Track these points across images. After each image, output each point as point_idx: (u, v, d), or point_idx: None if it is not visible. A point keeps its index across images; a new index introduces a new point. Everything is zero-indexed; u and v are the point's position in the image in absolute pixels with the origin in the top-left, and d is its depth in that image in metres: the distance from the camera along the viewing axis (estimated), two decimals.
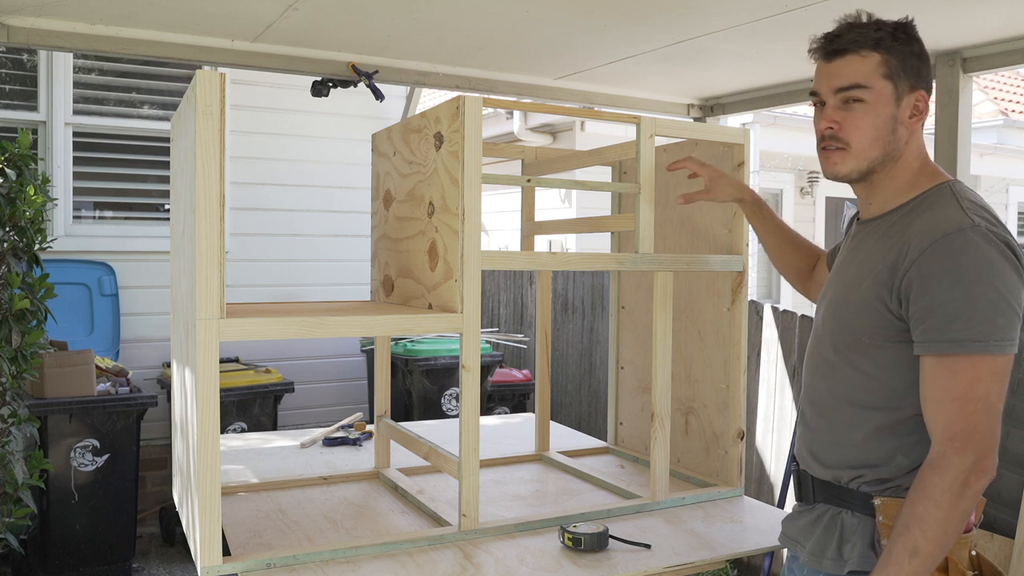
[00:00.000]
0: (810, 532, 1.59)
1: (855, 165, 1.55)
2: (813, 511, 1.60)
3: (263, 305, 2.29)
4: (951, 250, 1.40)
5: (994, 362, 1.39)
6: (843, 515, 1.54)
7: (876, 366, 1.51)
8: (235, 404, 4.39)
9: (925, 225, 1.45)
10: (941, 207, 1.47)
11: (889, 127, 1.52)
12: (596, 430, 5.01)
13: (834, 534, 1.54)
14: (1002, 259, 1.40)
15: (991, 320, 1.38)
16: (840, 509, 1.55)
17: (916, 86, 1.53)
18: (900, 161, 1.55)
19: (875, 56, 1.51)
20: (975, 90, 9.16)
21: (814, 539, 1.57)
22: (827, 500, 1.57)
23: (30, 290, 3.24)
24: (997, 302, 1.38)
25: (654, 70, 3.13)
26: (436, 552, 1.87)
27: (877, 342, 1.50)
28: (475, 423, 1.92)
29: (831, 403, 1.59)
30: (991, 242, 1.41)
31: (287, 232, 5.19)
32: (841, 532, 1.53)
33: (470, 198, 1.88)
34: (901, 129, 1.53)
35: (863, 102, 1.52)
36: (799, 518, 1.64)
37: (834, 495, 1.56)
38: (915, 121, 1.54)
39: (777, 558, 3.80)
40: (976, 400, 1.38)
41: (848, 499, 1.53)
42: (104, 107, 4.82)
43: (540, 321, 2.75)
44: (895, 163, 1.55)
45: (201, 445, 1.66)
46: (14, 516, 3.18)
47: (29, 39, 2.60)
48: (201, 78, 1.62)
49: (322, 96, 3.15)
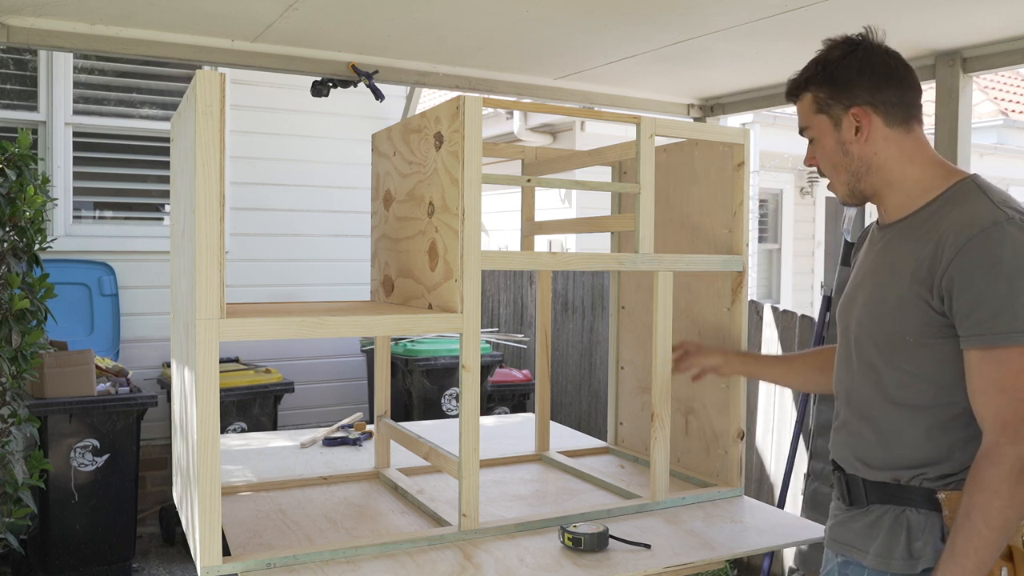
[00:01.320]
0: (871, 534, 1.56)
1: (842, 191, 1.66)
2: (869, 513, 1.58)
3: (263, 305, 2.29)
4: (990, 244, 1.42)
5: None
6: (907, 513, 1.52)
7: (922, 365, 1.51)
8: (235, 404, 4.39)
9: (957, 221, 1.47)
10: (971, 203, 1.49)
11: (839, 152, 1.62)
12: (596, 430, 5.01)
13: (900, 533, 1.52)
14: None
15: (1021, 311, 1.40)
16: (903, 508, 1.53)
17: (850, 104, 1.59)
18: (887, 170, 1.59)
19: (807, 96, 1.65)
20: (975, 90, 9.16)
21: (879, 541, 1.55)
22: (884, 500, 1.56)
23: (30, 290, 3.24)
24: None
25: (654, 70, 3.13)
26: (436, 552, 1.87)
27: (922, 340, 1.50)
28: (475, 423, 1.92)
29: (878, 406, 1.58)
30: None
31: (287, 232, 5.19)
32: (908, 531, 1.51)
33: (470, 198, 1.88)
34: (853, 148, 1.60)
35: (814, 140, 1.66)
36: (851, 522, 1.61)
37: (893, 495, 1.55)
38: (862, 135, 1.59)
39: (777, 558, 3.80)
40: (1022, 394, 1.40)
41: (910, 497, 1.53)
42: (104, 107, 4.82)
43: (540, 321, 2.75)
44: (880, 172, 1.60)
45: (201, 445, 1.66)
46: (14, 516, 3.18)
47: (29, 39, 2.60)
48: (201, 78, 1.62)
49: (322, 96, 3.15)
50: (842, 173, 1.63)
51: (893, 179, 1.59)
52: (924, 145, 1.61)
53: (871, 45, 1.60)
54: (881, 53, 1.60)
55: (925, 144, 1.61)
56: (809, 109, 1.64)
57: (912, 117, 1.60)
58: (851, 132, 1.59)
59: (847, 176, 1.63)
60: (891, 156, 1.59)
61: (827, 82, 1.61)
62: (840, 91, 1.59)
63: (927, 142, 1.62)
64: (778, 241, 9.63)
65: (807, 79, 1.64)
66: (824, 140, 1.64)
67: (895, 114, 1.58)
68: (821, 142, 1.64)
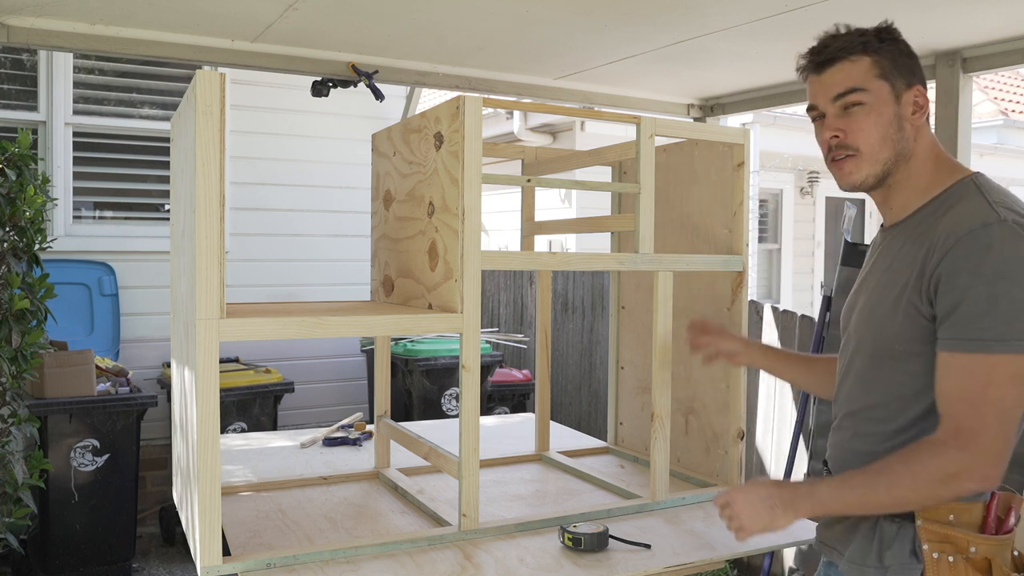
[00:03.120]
0: (848, 539, 1.55)
1: (869, 170, 1.53)
2: (849, 517, 1.56)
3: (263, 305, 2.29)
4: (976, 246, 1.37)
5: (1015, 363, 1.36)
6: (882, 522, 1.49)
7: (911, 374, 1.47)
8: (235, 404, 4.39)
9: (951, 222, 1.42)
10: (967, 203, 1.44)
11: (895, 125, 1.51)
12: (596, 430, 5.01)
13: (873, 541, 1.50)
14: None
15: (1015, 319, 1.35)
16: (879, 516, 1.50)
17: (912, 82, 1.53)
18: (913, 160, 1.54)
19: (865, 59, 1.52)
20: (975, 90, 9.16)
21: (852, 546, 1.53)
22: None
23: (30, 290, 3.24)
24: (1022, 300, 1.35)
25: (654, 70, 3.13)
26: (436, 552, 1.87)
27: (913, 348, 1.46)
28: (475, 423, 1.92)
29: (863, 412, 1.56)
30: (1019, 237, 1.37)
31: (287, 232, 5.19)
32: (881, 539, 1.49)
33: (470, 198, 1.88)
34: (907, 126, 1.52)
35: (863, 105, 1.51)
36: (835, 524, 1.60)
37: None
38: (918, 116, 1.53)
39: (777, 558, 3.80)
40: (988, 403, 1.36)
41: None
42: (104, 107, 4.82)
43: (540, 321, 2.75)
44: (907, 163, 1.53)
45: (201, 445, 1.66)
46: (14, 516, 3.18)
47: (29, 39, 2.60)
48: (201, 78, 1.62)
49: (322, 96, 3.15)
50: (887, 149, 1.52)
51: (913, 171, 1.54)
52: (936, 141, 1.58)
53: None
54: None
55: (936, 140, 1.59)
56: (868, 72, 1.51)
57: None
58: (909, 109, 1.52)
59: (890, 154, 1.52)
60: (925, 145, 1.55)
61: (891, 53, 1.52)
62: (905, 67, 1.52)
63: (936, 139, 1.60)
64: (778, 241, 9.63)
65: (866, 43, 1.52)
66: (881, 108, 1.51)
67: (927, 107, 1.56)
68: (877, 109, 1.51)
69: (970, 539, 1.42)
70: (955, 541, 1.42)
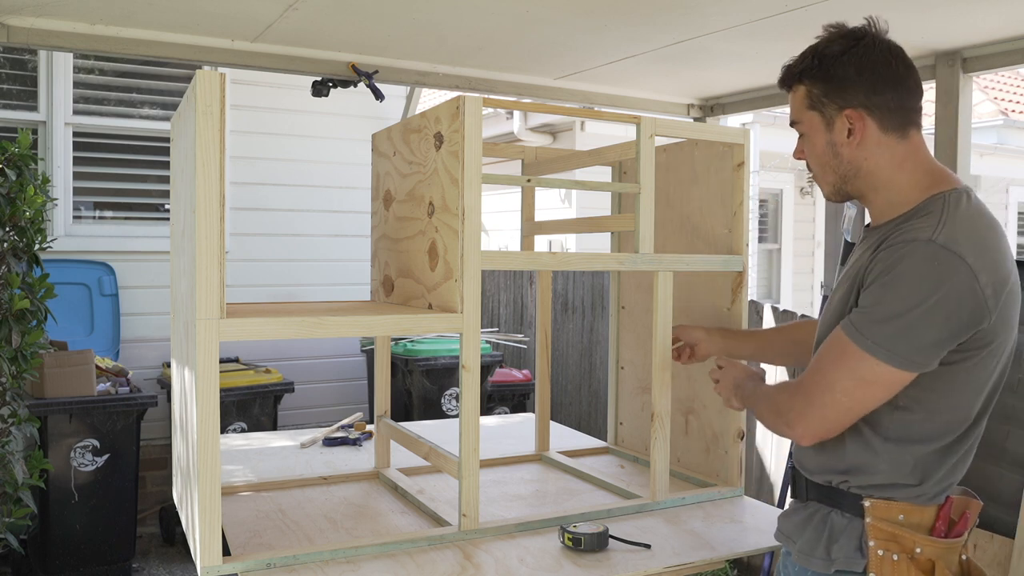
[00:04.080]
0: (801, 530, 1.59)
1: (828, 191, 1.62)
2: (806, 509, 1.61)
3: (263, 305, 2.29)
4: (896, 255, 1.40)
5: (861, 362, 1.42)
6: (833, 514, 1.54)
7: None
8: (235, 404, 4.39)
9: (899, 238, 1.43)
10: (923, 219, 1.43)
11: (829, 152, 1.56)
12: (596, 430, 5.01)
13: (823, 533, 1.54)
14: (940, 277, 1.36)
15: (879, 325, 1.40)
16: (831, 508, 1.55)
17: (845, 105, 1.51)
18: (874, 176, 1.53)
19: (801, 89, 1.58)
20: (975, 90, 9.16)
21: (804, 537, 1.57)
22: (819, 499, 1.58)
23: (30, 290, 3.24)
24: (900, 314, 1.38)
25: (654, 70, 3.13)
26: (436, 552, 1.87)
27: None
28: (475, 423, 1.92)
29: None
30: (931, 258, 1.37)
31: (287, 232, 5.19)
32: (830, 532, 1.53)
33: (470, 198, 1.88)
34: (843, 151, 1.54)
35: (805, 135, 1.60)
36: (793, 515, 1.64)
37: (825, 495, 1.57)
38: (854, 139, 1.52)
39: (777, 558, 3.80)
40: (826, 378, 1.47)
41: (838, 499, 1.54)
42: (104, 107, 4.82)
43: (540, 321, 2.75)
44: (866, 178, 1.54)
45: (201, 445, 1.66)
46: (14, 516, 3.18)
47: (29, 39, 2.60)
48: (201, 78, 1.62)
49: (322, 96, 3.15)
50: (829, 173, 1.58)
51: (879, 185, 1.54)
52: (917, 151, 1.53)
53: (874, 41, 1.52)
54: (883, 51, 1.51)
55: (918, 149, 1.53)
56: (802, 103, 1.57)
57: (909, 122, 1.53)
58: (843, 134, 1.52)
59: (834, 177, 1.58)
60: (881, 163, 1.52)
61: (823, 78, 1.53)
62: (835, 90, 1.52)
63: (922, 147, 1.54)
64: (778, 241, 9.63)
65: (802, 71, 1.56)
66: (814, 138, 1.57)
67: (891, 119, 1.51)
68: (811, 139, 1.58)
69: (916, 540, 1.45)
70: (901, 540, 1.46)
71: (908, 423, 1.47)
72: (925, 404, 1.46)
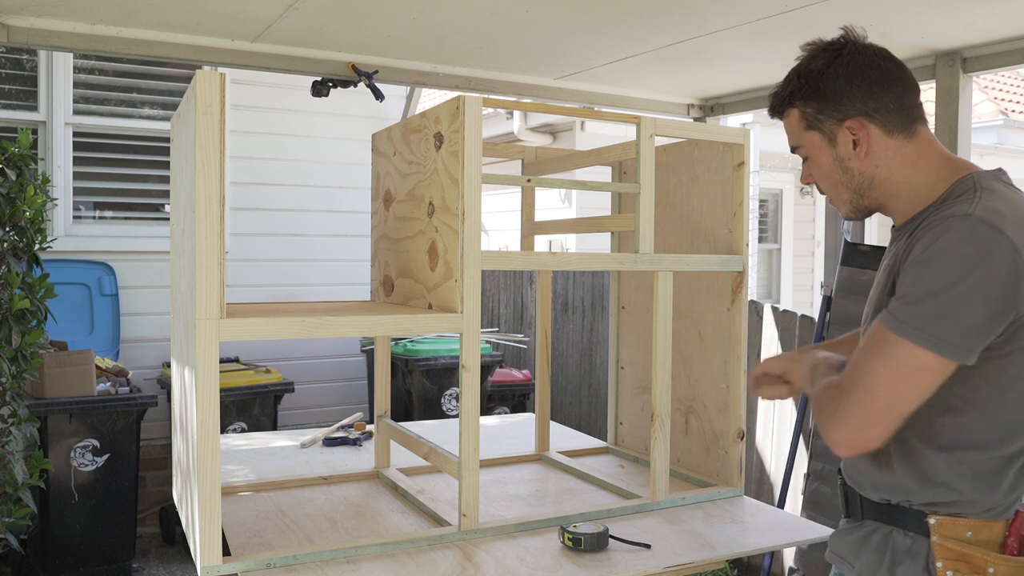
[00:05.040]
0: (860, 550, 1.50)
1: (846, 209, 1.56)
2: (862, 528, 1.51)
3: (263, 305, 2.29)
4: (933, 234, 1.33)
5: (903, 350, 1.32)
6: (895, 534, 1.45)
7: None
8: (235, 404, 4.39)
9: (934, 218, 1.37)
10: (957, 201, 1.37)
11: (838, 169, 1.51)
12: (596, 430, 5.01)
13: (885, 555, 1.45)
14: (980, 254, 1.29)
15: (919, 304, 1.31)
16: (891, 528, 1.46)
17: (844, 117, 1.47)
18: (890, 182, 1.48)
19: (794, 112, 1.53)
20: (975, 90, 9.16)
21: (863, 559, 1.48)
22: (877, 518, 1.49)
23: (30, 290, 3.24)
24: (938, 292, 1.30)
25: (654, 70, 3.13)
26: (436, 552, 1.87)
27: None
28: (475, 423, 1.92)
29: None
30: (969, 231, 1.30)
31: (287, 232, 5.19)
32: (893, 553, 1.44)
33: (470, 198, 1.88)
34: (853, 163, 1.48)
35: (808, 158, 1.55)
36: (848, 535, 1.55)
37: (884, 513, 1.48)
38: (861, 150, 1.47)
39: (777, 558, 3.80)
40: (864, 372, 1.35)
41: (900, 518, 1.45)
42: (104, 107, 4.82)
43: (540, 321, 2.75)
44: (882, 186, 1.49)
45: (201, 445, 1.66)
46: (14, 516, 3.18)
47: (29, 39, 2.60)
48: (201, 78, 1.62)
49: (322, 96, 3.15)
50: (843, 191, 1.52)
51: (897, 190, 1.48)
52: (929, 146, 1.48)
53: (856, 47, 1.48)
54: (869, 55, 1.47)
55: (929, 145, 1.48)
56: (798, 126, 1.53)
57: (914, 119, 1.48)
58: (848, 147, 1.47)
59: (849, 193, 1.52)
60: (893, 167, 1.47)
61: (814, 95, 1.48)
62: (830, 104, 1.47)
63: (933, 142, 1.49)
64: (778, 241, 9.63)
65: (791, 93, 1.52)
66: (819, 158, 1.51)
67: (894, 121, 1.46)
68: (816, 160, 1.52)
69: (988, 559, 1.36)
70: (972, 560, 1.37)
71: (961, 427, 1.39)
72: (977, 404, 1.37)
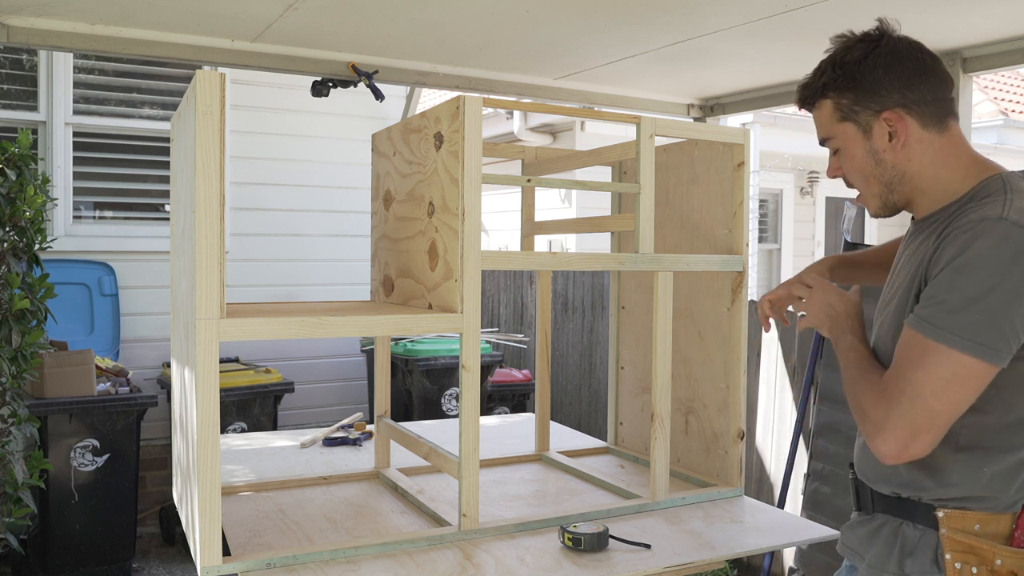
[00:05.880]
0: (870, 543, 1.51)
1: (876, 205, 1.53)
2: (872, 521, 1.53)
3: (263, 305, 2.29)
4: (965, 237, 1.33)
5: (944, 357, 1.31)
6: (904, 527, 1.46)
7: None
8: (235, 404, 4.39)
9: (965, 219, 1.36)
10: (986, 202, 1.37)
11: (871, 161, 1.49)
12: (596, 430, 5.01)
13: (895, 547, 1.46)
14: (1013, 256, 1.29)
15: (957, 313, 1.31)
16: (901, 521, 1.47)
17: (882, 108, 1.45)
18: (920, 177, 1.47)
19: (826, 103, 1.51)
20: (975, 90, 9.16)
21: (874, 551, 1.49)
22: (887, 510, 1.50)
23: (30, 290, 3.24)
24: (977, 299, 1.30)
25: (654, 70, 3.13)
26: (436, 552, 1.87)
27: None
28: (475, 423, 1.92)
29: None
30: (1004, 235, 1.30)
31: (287, 232, 5.19)
32: (903, 545, 1.45)
33: (470, 198, 1.88)
34: (886, 156, 1.47)
35: (840, 151, 1.53)
36: (859, 527, 1.56)
37: (894, 506, 1.49)
38: (897, 142, 1.46)
39: (777, 558, 3.80)
40: (909, 383, 1.34)
41: (910, 511, 1.46)
42: (104, 107, 4.82)
43: (540, 321, 2.75)
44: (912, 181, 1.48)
45: (201, 445, 1.66)
46: (14, 516, 3.18)
47: (29, 39, 2.60)
48: (201, 78, 1.62)
49: (322, 96, 3.15)
50: (874, 184, 1.50)
51: (925, 186, 1.47)
52: (959, 142, 1.48)
53: (893, 39, 1.47)
54: (906, 47, 1.46)
55: (959, 141, 1.48)
56: (831, 117, 1.50)
57: (947, 114, 1.47)
58: (884, 139, 1.46)
59: (880, 187, 1.50)
60: (925, 161, 1.46)
61: (850, 85, 1.46)
62: (868, 94, 1.45)
63: (962, 138, 1.49)
64: (778, 241, 9.63)
65: (824, 84, 1.49)
66: (852, 150, 1.49)
67: (930, 114, 1.45)
68: (849, 152, 1.50)
69: (996, 551, 1.37)
70: (980, 552, 1.38)
71: (983, 428, 1.39)
72: (998, 404, 1.37)
